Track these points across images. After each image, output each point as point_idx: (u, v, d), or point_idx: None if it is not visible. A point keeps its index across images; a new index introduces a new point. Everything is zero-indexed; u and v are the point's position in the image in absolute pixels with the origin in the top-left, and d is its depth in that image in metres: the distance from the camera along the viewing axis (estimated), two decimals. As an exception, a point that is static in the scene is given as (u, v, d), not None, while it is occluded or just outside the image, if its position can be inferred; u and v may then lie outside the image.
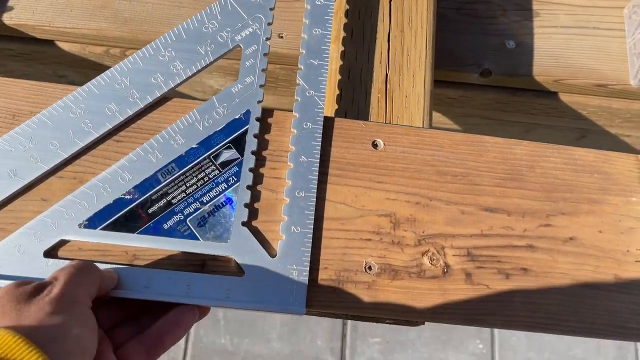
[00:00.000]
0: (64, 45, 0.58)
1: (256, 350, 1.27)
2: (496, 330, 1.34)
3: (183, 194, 0.38)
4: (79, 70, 0.61)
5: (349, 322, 1.31)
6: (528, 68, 0.59)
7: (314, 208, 0.39)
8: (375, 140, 0.42)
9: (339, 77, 0.45)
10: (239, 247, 0.37)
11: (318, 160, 0.40)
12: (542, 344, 1.34)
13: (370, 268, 0.39)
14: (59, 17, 0.55)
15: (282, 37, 0.55)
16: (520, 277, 0.39)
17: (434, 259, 0.39)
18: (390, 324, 0.43)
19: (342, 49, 0.46)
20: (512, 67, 0.59)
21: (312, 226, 0.38)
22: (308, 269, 0.37)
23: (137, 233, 0.37)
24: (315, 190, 0.39)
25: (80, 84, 0.40)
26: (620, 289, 0.40)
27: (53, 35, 0.56)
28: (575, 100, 0.61)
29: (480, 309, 0.39)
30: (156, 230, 0.37)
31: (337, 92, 0.45)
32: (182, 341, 1.27)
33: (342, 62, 0.46)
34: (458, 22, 0.60)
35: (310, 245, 0.38)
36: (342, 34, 0.47)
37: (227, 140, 0.40)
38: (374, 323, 0.43)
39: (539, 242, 0.40)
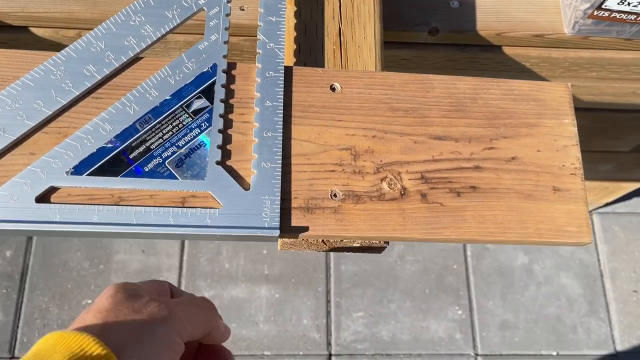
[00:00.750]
0: (38, 31, 0.61)
1: (244, 333, 1.31)
2: (473, 296, 1.40)
3: (160, 140, 0.42)
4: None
5: (332, 299, 1.35)
6: (472, 24, 0.64)
7: (281, 145, 0.43)
8: (332, 84, 0.46)
9: (295, 34, 0.50)
10: (215, 183, 0.41)
11: (282, 104, 0.44)
12: (517, 305, 1.41)
13: (335, 195, 0.43)
14: (32, 3, 0.58)
15: (243, 9, 0.59)
16: (470, 194, 0.44)
17: (391, 184, 0.44)
18: (356, 252, 0.47)
19: (296, 9, 0.51)
20: (458, 24, 0.64)
21: (280, 161, 0.42)
22: (279, 198, 0.41)
23: (121, 176, 0.41)
24: (281, 130, 0.43)
25: (58, 55, 0.44)
26: (558, 198, 0.45)
27: (27, 21, 0.59)
28: (517, 52, 0.67)
29: (436, 224, 0.43)
30: (138, 173, 0.41)
31: (295, 47, 0.49)
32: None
33: (296, 21, 0.50)
34: (405, -14, 0.64)
35: (280, 178, 0.42)
36: (296, -5, 0.51)
37: (197, 91, 0.44)
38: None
39: (484, 163, 0.45)
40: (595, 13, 0.60)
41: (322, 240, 0.45)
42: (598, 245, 1.49)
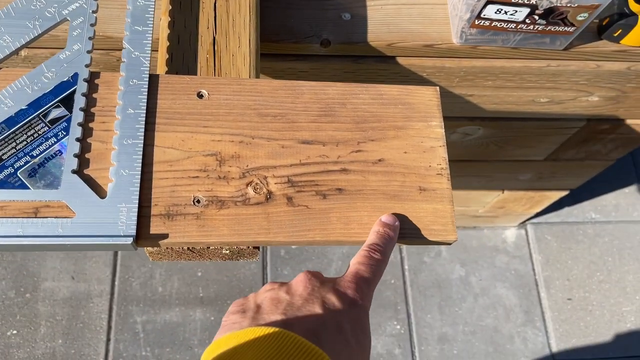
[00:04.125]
0: None
1: (179, 357, 1.27)
2: (411, 310, 1.40)
3: (13, 150, 0.41)
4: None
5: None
6: (363, 36, 0.65)
7: (141, 153, 0.42)
8: (200, 91, 0.46)
9: (167, 43, 0.50)
10: (69, 193, 0.40)
11: (144, 111, 0.44)
12: (455, 318, 1.42)
13: (198, 201, 0.43)
14: None
15: (132, 23, 0.58)
16: (336, 196, 0.44)
17: (257, 188, 0.44)
18: (229, 259, 0.46)
19: (170, 19, 0.51)
20: (349, 36, 0.65)
21: (139, 169, 0.42)
22: (137, 206, 0.41)
23: (-32, 188, 0.39)
24: (142, 138, 0.43)
25: None
26: (424, 198, 0.46)
27: None
28: (411, 62, 0.68)
29: (301, 227, 0.43)
30: (-13, 184, 0.40)
31: (167, 56, 0.49)
32: (101, 358, 1.25)
33: (170, 31, 0.50)
34: (297, 0, 0.66)
35: (139, 185, 0.41)
36: (170, 6, 0.51)
37: (56, 100, 0.43)
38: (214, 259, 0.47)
39: (351, 165, 0.46)
40: (477, 22, 0.62)
41: (189, 248, 0.44)
42: (532, 255, 1.52)
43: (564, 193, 1.26)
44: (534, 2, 0.59)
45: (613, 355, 1.44)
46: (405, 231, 0.44)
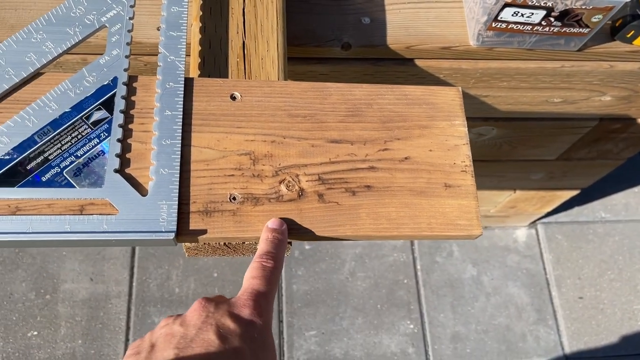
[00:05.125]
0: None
1: (195, 358, 1.29)
2: (424, 310, 1.42)
3: (59, 151, 0.43)
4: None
5: (284, 319, 1.35)
6: (383, 39, 0.67)
7: (179, 152, 0.44)
8: (233, 93, 0.48)
9: (199, 48, 0.52)
10: (112, 191, 0.42)
11: (181, 113, 0.46)
12: (468, 317, 1.43)
13: (234, 198, 0.44)
14: (-54, 27, 0.59)
15: (159, 29, 0.61)
16: (365, 193, 0.46)
17: (289, 186, 0.46)
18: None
19: (201, 24, 0.53)
20: (369, 39, 0.67)
21: (178, 168, 0.44)
22: (177, 203, 0.43)
23: (18, 187, 0.41)
24: (180, 138, 0.45)
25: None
26: (449, 194, 0.47)
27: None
28: (429, 64, 0.70)
29: (332, 222, 0.45)
30: (35, 183, 0.42)
31: (200, 60, 0.51)
32: (120, 358, 1.27)
33: (201, 36, 0.52)
34: (318, 5, 0.68)
35: (178, 183, 0.43)
36: (200, 12, 0.53)
37: (97, 103, 0.45)
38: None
39: (379, 163, 0.47)
40: (493, 25, 0.64)
41: (225, 244, 0.46)
42: (543, 255, 1.53)
43: (574, 192, 1.27)
44: (550, 5, 0.60)
45: (625, 352, 1.45)
46: (433, 226, 0.46)
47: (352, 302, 1.39)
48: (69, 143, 0.43)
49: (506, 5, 0.60)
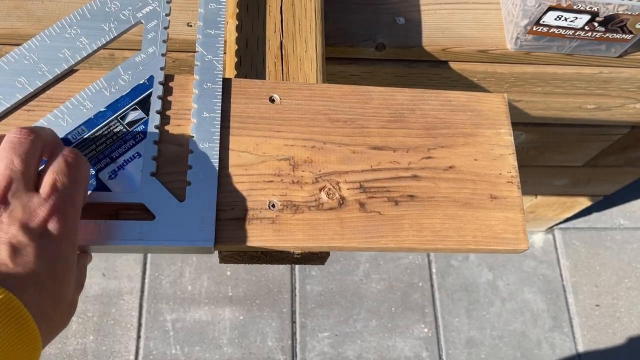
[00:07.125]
0: (-19, 48, 0.60)
1: (208, 357, 1.28)
2: (439, 314, 1.40)
3: (94, 152, 0.41)
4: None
5: (297, 319, 1.34)
6: (418, 40, 0.65)
7: (217, 157, 0.43)
8: (272, 96, 0.46)
9: (236, 47, 0.50)
10: (148, 195, 0.41)
11: (219, 115, 0.44)
12: (483, 322, 1.41)
13: (273, 205, 0.43)
14: (-26, 19, 0.57)
15: (190, 25, 0.59)
16: (408, 203, 0.44)
17: (330, 193, 0.44)
18: (298, 263, 0.47)
19: (238, 22, 0.51)
20: (404, 40, 0.65)
21: (216, 172, 0.42)
22: (215, 209, 0.41)
23: (51, 189, 0.40)
24: (218, 141, 0.43)
25: None
26: (495, 206, 0.45)
27: (-31, 38, 0.58)
28: (463, 67, 0.68)
29: (374, 233, 0.43)
30: (69, 185, 0.40)
31: (236, 59, 0.49)
32: (132, 355, 1.26)
33: (238, 34, 0.50)
34: (352, 4, 0.66)
35: (216, 189, 0.42)
36: (237, 10, 0.51)
37: (133, 103, 0.43)
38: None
39: (422, 172, 0.46)
40: (534, 29, 0.62)
41: (262, 252, 0.45)
42: (560, 261, 1.51)
43: (597, 199, 1.25)
44: (596, 10, 0.58)
45: (642, 362, 1.43)
46: (478, 239, 0.44)
47: (366, 304, 1.37)
48: (104, 144, 0.42)
49: (550, 9, 0.58)
